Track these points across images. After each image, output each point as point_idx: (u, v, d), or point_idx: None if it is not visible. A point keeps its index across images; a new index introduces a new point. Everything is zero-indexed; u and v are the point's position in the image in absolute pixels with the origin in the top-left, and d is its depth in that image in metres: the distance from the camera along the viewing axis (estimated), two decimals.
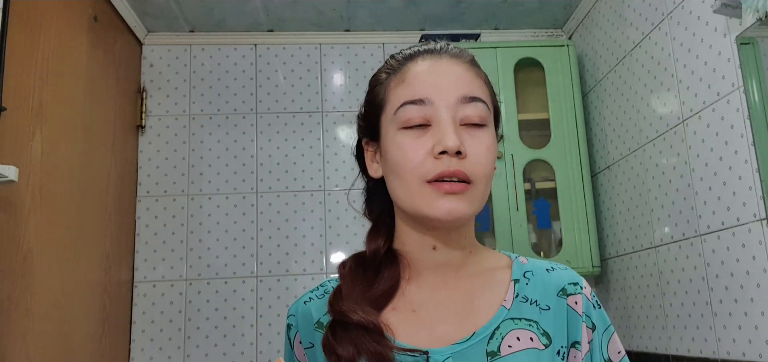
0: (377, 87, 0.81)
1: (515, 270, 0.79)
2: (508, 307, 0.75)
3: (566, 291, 0.77)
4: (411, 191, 0.72)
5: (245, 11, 2.20)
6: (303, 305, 0.82)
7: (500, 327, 0.73)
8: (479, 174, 0.72)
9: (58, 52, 1.64)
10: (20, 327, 1.41)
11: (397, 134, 0.74)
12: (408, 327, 0.74)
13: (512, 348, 0.71)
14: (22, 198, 1.44)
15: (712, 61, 1.49)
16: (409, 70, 0.77)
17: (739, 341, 1.42)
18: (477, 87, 0.76)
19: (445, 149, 0.69)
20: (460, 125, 0.73)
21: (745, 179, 1.38)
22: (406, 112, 0.73)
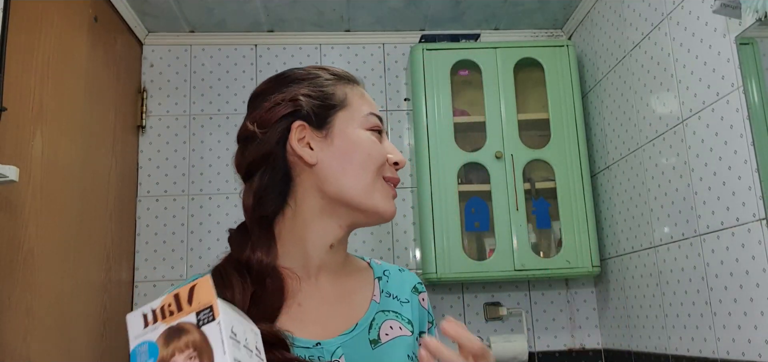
0: (335, 85, 0.86)
1: (376, 270, 0.90)
2: (378, 301, 0.85)
3: (417, 288, 0.91)
4: (370, 182, 0.82)
5: (245, 11, 2.21)
6: None
7: (375, 319, 0.83)
8: None
9: (58, 52, 1.64)
10: (20, 327, 1.41)
11: (364, 132, 0.84)
12: (297, 323, 0.78)
13: (389, 335, 0.82)
14: (23, 198, 1.44)
15: (712, 61, 1.49)
16: (356, 88, 0.88)
17: (739, 341, 1.43)
18: None
19: (399, 161, 0.85)
20: None
21: (744, 179, 1.39)
22: (373, 120, 0.85)
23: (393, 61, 2.41)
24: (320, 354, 0.76)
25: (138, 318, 0.58)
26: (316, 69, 0.88)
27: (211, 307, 0.56)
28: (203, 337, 0.55)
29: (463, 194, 2.09)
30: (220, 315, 0.55)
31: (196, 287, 0.57)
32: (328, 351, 0.77)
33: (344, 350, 0.77)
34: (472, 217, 2.09)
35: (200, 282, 0.58)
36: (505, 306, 2.20)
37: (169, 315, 0.57)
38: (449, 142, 2.11)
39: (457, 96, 2.23)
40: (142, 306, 0.58)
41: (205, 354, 0.54)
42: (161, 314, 0.57)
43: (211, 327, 0.55)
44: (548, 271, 2.03)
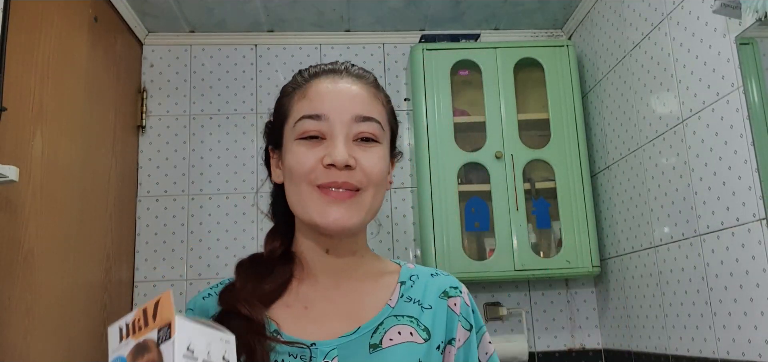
0: (284, 99, 0.87)
1: (403, 274, 0.87)
2: (393, 306, 0.82)
3: (447, 293, 0.85)
4: (302, 196, 0.78)
5: (245, 11, 2.21)
6: (201, 299, 0.86)
7: (384, 323, 0.80)
8: (367, 183, 0.79)
9: (58, 52, 1.64)
10: (20, 327, 1.41)
11: (294, 143, 0.80)
12: (297, 322, 0.80)
13: (393, 341, 0.78)
14: (23, 198, 1.44)
15: (712, 61, 1.49)
16: (312, 86, 0.83)
17: (739, 341, 1.43)
18: (373, 108, 0.83)
19: (334, 162, 0.76)
20: (353, 140, 0.80)
21: (744, 179, 1.39)
22: (304, 124, 0.79)
23: (393, 61, 2.41)
24: (314, 354, 0.76)
25: (115, 331, 0.59)
26: (296, 74, 0.88)
27: (169, 324, 0.56)
28: (160, 356, 0.55)
29: (463, 194, 2.09)
30: (176, 333, 0.55)
31: (160, 302, 0.58)
32: (321, 352, 0.76)
33: (339, 352, 0.76)
34: (472, 217, 2.09)
35: (163, 296, 0.58)
36: (505, 306, 2.20)
37: (138, 330, 0.58)
38: (449, 142, 2.11)
39: (457, 96, 2.23)
40: (122, 318, 0.59)
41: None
42: (132, 329, 0.58)
43: (166, 346, 0.55)
44: (548, 271, 2.03)
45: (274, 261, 0.84)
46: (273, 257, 0.84)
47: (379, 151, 0.82)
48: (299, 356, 0.76)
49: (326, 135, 0.79)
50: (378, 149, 0.82)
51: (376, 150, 0.81)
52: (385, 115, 0.86)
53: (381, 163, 0.81)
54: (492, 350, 0.87)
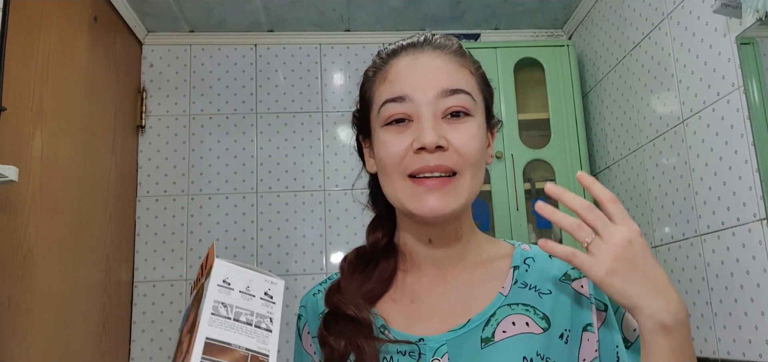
0: (366, 85, 0.83)
1: (516, 257, 0.79)
2: (506, 294, 0.76)
3: (570, 275, 0.76)
4: (395, 187, 0.74)
5: (245, 11, 2.20)
6: (312, 296, 0.85)
7: (496, 314, 0.73)
8: (463, 164, 0.72)
9: (58, 52, 1.64)
10: (20, 327, 1.41)
11: (380, 131, 0.76)
12: (405, 317, 0.76)
13: (507, 333, 0.72)
14: (23, 198, 1.44)
15: (712, 61, 1.49)
16: (391, 67, 0.78)
17: (739, 341, 1.42)
18: (460, 78, 0.76)
19: (423, 146, 0.70)
20: (442, 117, 0.73)
21: (745, 179, 1.38)
22: (388, 109, 0.74)
23: None
24: (423, 351, 0.72)
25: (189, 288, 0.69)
26: (376, 56, 0.82)
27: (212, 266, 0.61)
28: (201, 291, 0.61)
29: None
30: (214, 269, 0.60)
31: (208, 254, 0.63)
32: (430, 349, 0.71)
33: (449, 348, 0.71)
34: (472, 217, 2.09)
35: (209, 250, 0.63)
36: None
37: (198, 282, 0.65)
38: None
39: None
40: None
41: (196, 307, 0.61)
42: (195, 285, 0.66)
43: (206, 281, 0.61)
44: None
45: (377, 254, 0.81)
46: (376, 249, 0.81)
47: (471, 125, 0.74)
48: (408, 353, 0.72)
49: (413, 117, 0.73)
50: (470, 123, 0.74)
51: (468, 125, 0.74)
52: (476, 83, 0.78)
53: (475, 139, 0.74)
54: (638, 334, 0.75)
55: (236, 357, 0.56)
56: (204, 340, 0.56)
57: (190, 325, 0.61)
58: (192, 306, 0.63)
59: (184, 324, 0.64)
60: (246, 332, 0.58)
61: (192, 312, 0.62)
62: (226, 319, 0.58)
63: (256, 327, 0.59)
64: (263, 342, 0.59)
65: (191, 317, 0.62)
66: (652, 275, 0.64)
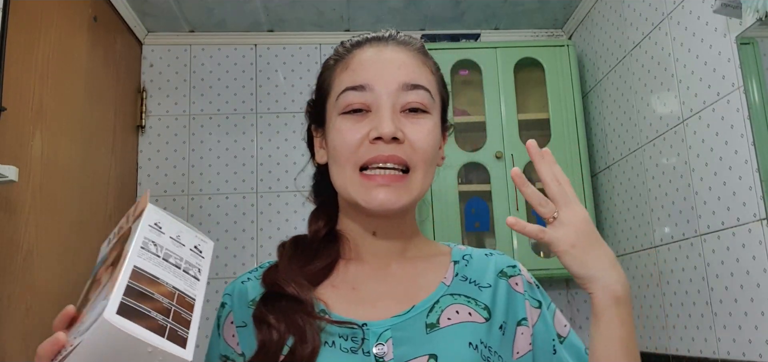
0: (325, 73, 0.82)
1: (455, 254, 0.82)
2: (448, 284, 0.77)
3: (506, 272, 0.80)
4: (346, 179, 0.74)
5: (245, 11, 2.20)
6: (240, 284, 0.82)
7: (440, 302, 0.75)
8: (417, 160, 0.73)
9: (58, 52, 1.64)
10: (20, 327, 1.41)
11: (337, 119, 0.75)
12: (346, 303, 0.75)
13: (451, 320, 0.73)
14: (23, 198, 1.44)
15: (712, 61, 1.49)
16: (354, 57, 0.78)
17: (739, 341, 1.42)
18: (422, 75, 0.77)
19: (380, 135, 0.71)
20: (401, 112, 0.74)
21: (745, 179, 1.38)
22: (347, 97, 0.74)
23: None
24: (366, 335, 0.71)
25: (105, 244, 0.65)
26: (338, 46, 0.83)
27: (142, 211, 0.60)
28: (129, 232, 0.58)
29: (463, 194, 2.09)
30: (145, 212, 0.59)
31: (138, 203, 0.63)
32: (374, 333, 0.71)
33: (393, 333, 0.71)
34: (472, 217, 2.09)
35: (141, 198, 0.63)
36: None
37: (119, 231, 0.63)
38: (449, 142, 2.09)
39: (457, 96, 2.23)
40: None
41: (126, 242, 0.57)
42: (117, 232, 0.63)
43: (136, 223, 0.58)
44: (549, 271, 2.03)
45: (318, 242, 0.79)
46: (317, 239, 0.80)
47: (428, 123, 0.75)
48: (351, 337, 0.71)
49: (371, 107, 0.73)
50: (428, 120, 0.75)
51: (425, 122, 0.75)
52: (435, 83, 0.79)
53: (431, 136, 0.75)
54: (569, 328, 0.81)
55: (163, 291, 0.53)
56: (132, 267, 0.52)
57: (110, 262, 0.57)
58: (114, 247, 0.59)
59: (100, 267, 0.60)
60: (174, 273, 0.56)
61: (113, 252, 0.58)
62: (156, 256, 0.56)
63: (184, 271, 0.57)
64: (191, 286, 0.57)
65: (111, 255, 0.58)
66: (605, 251, 0.71)
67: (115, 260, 0.56)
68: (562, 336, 0.79)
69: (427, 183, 0.76)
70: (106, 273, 0.56)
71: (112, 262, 0.56)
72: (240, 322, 0.77)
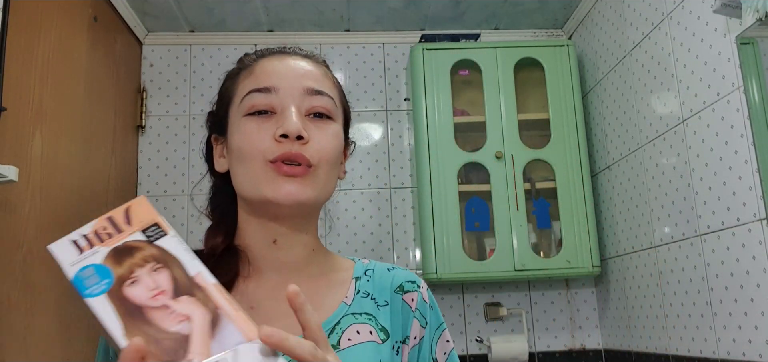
0: (227, 82, 0.82)
1: (357, 269, 0.81)
2: (349, 303, 0.76)
3: (403, 287, 0.79)
4: (253, 173, 0.73)
5: (245, 11, 2.20)
6: None
7: (341, 322, 0.74)
8: (320, 159, 0.73)
9: (58, 52, 1.64)
10: (20, 327, 1.41)
11: (241, 121, 0.75)
12: None
13: (352, 340, 0.72)
14: (22, 198, 1.44)
15: (712, 61, 1.49)
16: (259, 64, 0.79)
17: (739, 341, 1.42)
18: (325, 85, 0.78)
19: (286, 132, 0.71)
20: (306, 115, 0.75)
21: (745, 179, 1.38)
22: (252, 98, 0.74)
23: (393, 61, 2.41)
24: None
25: (67, 246, 0.54)
26: (243, 56, 0.83)
27: (157, 224, 0.54)
28: (161, 251, 0.53)
29: (463, 194, 2.09)
30: (173, 231, 0.53)
31: (132, 207, 0.55)
32: None
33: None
34: (472, 217, 2.09)
35: (135, 202, 0.56)
36: (505, 306, 2.19)
37: (108, 237, 0.54)
38: (449, 142, 2.11)
39: (457, 96, 2.23)
40: (68, 235, 0.54)
41: (171, 264, 0.52)
42: (97, 238, 0.54)
43: (167, 241, 0.53)
44: (548, 271, 2.03)
45: (216, 258, 0.76)
46: (214, 254, 0.77)
47: (332, 128, 0.76)
48: None
49: (277, 109, 0.74)
50: (332, 126, 0.76)
51: (329, 127, 0.76)
52: (338, 95, 0.81)
53: (335, 140, 0.76)
54: (450, 348, 0.80)
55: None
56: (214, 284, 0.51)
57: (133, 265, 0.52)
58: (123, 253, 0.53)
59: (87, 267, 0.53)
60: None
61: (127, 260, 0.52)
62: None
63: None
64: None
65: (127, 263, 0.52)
66: None
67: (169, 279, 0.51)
68: (438, 360, 0.78)
69: (329, 186, 0.76)
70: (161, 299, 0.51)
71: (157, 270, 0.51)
72: None
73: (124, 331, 0.48)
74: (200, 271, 0.51)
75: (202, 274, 0.51)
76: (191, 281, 0.51)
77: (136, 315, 0.49)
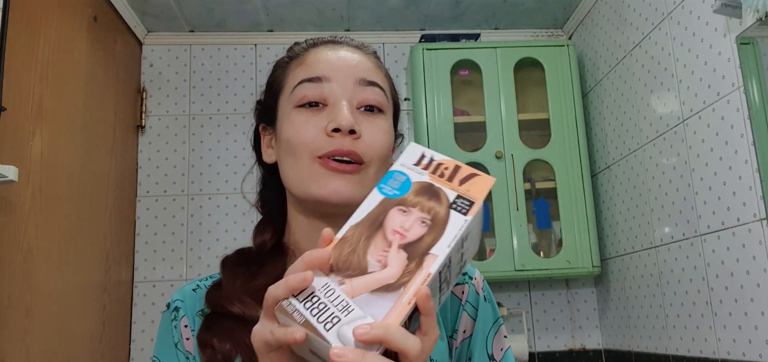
0: (277, 71, 0.80)
1: None
2: None
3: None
4: (301, 169, 0.70)
5: (245, 11, 2.20)
6: (192, 292, 0.76)
7: None
8: (372, 156, 0.71)
9: (58, 52, 1.64)
10: (20, 327, 1.41)
11: (292, 112, 0.73)
12: None
13: None
14: (22, 198, 1.44)
15: (713, 61, 1.49)
16: (310, 53, 0.76)
17: (739, 341, 1.42)
18: (377, 76, 0.76)
19: (339, 127, 0.68)
20: (357, 109, 0.72)
21: (745, 179, 1.38)
22: (303, 89, 0.72)
23: (393, 61, 2.41)
24: None
25: (417, 152, 0.59)
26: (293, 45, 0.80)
27: (473, 202, 0.54)
28: (446, 218, 0.53)
29: None
30: (471, 216, 0.53)
31: (478, 178, 0.57)
32: None
33: None
34: None
35: (485, 177, 0.57)
36: (505, 306, 2.19)
37: (439, 175, 0.57)
38: (449, 142, 2.11)
39: (457, 96, 2.23)
40: (430, 150, 0.59)
41: (436, 229, 0.53)
42: (437, 168, 0.58)
43: (457, 218, 0.53)
44: (548, 271, 2.03)
45: (264, 256, 0.75)
46: (263, 252, 0.76)
47: (384, 123, 0.74)
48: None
49: (328, 101, 0.71)
50: (383, 120, 0.74)
51: (381, 122, 0.73)
52: (389, 87, 0.78)
53: (386, 136, 0.73)
54: (507, 346, 0.77)
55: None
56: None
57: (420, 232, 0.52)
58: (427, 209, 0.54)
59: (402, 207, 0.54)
60: None
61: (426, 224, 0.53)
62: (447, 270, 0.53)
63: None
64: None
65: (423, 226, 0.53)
66: None
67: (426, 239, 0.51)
68: (495, 359, 0.74)
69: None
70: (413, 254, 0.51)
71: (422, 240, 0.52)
72: (194, 327, 0.73)
73: (355, 224, 0.53)
74: (437, 255, 0.51)
75: (435, 260, 0.51)
76: (423, 251, 0.51)
77: (373, 227, 0.53)
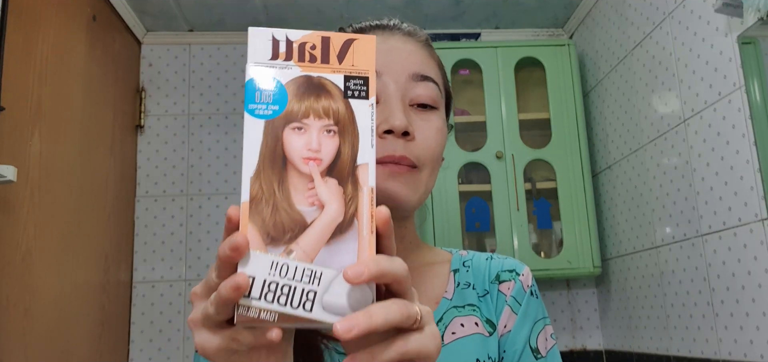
0: None
1: (455, 261, 0.77)
2: (450, 297, 0.73)
3: (499, 277, 0.75)
4: None
5: (245, 11, 2.20)
6: None
7: (443, 318, 0.71)
8: (426, 159, 0.68)
9: (56, 51, 1.63)
10: (19, 327, 1.40)
11: None
12: None
13: (456, 334, 0.69)
14: (21, 198, 1.43)
15: (714, 60, 1.49)
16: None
17: (741, 341, 1.42)
18: (430, 67, 0.73)
19: (391, 128, 0.65)
20: (409, 105, 0.69)
21: (746, 179, 1.38)
22: None
23: None
24: None
25: (264, 39, 0.45)
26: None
27: (366, 79, 0.44)
28: (349, 112, 0.44)
29: (463, 194, 2.08)
30: (374, 97, 0.44)
31: (358, 42, 0.46)
32: None
33: None
34: (472, 217, 2.08)
35: (365, 38, 0.46)
36: None
37: (309, 60, 0.45)
38: (450, 141, 2.09)
39: (457, 96, 2.22)
40: (270, 28, 0.46)
41: (347, 135, 0.43)
42: (299, 53, 0.45)
43: (361, 105, 0.44)
44: (549, 272, 2.03)
45: None
46: None
47: (437, 121, 0.70)
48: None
49: (379, 97, 0.67)
50: (436, 118, 0.70)
51: (434, 120, 0.69)
52: (441, 79, 0.74)
53: (440, 135, 0.70)
54: (553, 344, 0.74)
55: None
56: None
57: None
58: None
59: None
60: None
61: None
62: None
63: None
64: None
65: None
66: None
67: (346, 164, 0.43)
68: (540, 353, 0.72)
69: (431, 184, 0.71)
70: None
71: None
72: None
73: (255, 173, 0.43)
74: (367, 163, 0.43)
75: (367, 170, 0.43)
76: (352, 168, 0.43)
77: (276, 166, 0.43)
